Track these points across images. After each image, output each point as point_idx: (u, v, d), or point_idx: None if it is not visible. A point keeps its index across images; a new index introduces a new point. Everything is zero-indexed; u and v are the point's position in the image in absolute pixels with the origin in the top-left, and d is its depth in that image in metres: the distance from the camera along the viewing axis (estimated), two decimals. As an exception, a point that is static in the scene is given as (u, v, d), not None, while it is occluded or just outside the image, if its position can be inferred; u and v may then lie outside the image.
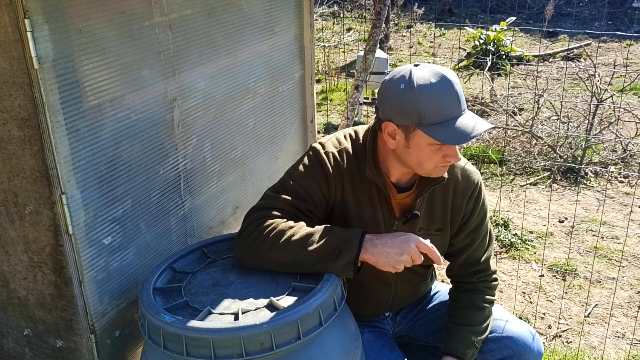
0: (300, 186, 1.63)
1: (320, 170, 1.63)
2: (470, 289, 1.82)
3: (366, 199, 1.67)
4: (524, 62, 7.65)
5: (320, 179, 1.63)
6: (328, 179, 1.63)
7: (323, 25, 9.28)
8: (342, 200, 1.66)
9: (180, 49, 1.81)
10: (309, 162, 1.66)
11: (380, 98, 1.56)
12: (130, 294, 1.76)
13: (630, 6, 10.89)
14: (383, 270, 1.53)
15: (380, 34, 4.15)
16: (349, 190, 1.65)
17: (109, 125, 1.60)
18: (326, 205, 1.67)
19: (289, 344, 1.39)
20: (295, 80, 2.52)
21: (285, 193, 1.62)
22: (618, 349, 2.65)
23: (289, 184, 1.65)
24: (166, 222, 1.88)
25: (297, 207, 1.61)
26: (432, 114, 1.45)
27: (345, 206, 1.66)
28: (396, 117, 1.50)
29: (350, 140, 1.69)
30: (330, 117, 5.91)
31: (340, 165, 1.64)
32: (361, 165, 1.65)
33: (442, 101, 1.46)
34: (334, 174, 1.63)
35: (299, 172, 1.65)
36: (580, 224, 3.77)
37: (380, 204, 1.67)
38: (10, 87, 1.40)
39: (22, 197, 1.52)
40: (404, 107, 1.47)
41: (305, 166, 1.66)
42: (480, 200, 1.75)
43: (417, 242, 1.52)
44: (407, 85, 1.46)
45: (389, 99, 1.52)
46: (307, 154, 1.68)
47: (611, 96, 4.95)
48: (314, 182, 1.63)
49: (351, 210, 1.66)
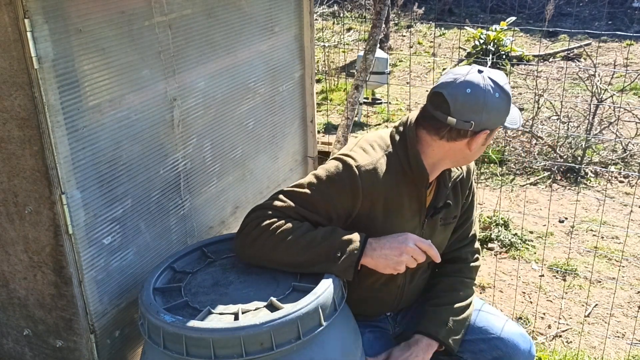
0: (319, 198, 1.57)
1: (348, 185, 1.56)
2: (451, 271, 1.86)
3: (396, 206, 1.63)
4: (524, 62, 7.65)
5: (346, 194, 1.57)
6: (356, 195, 1.57)
7: (323, 25, 9.28)
8: (370, 211, 1.61)
9: (180, 48, 1.81)
10: (337, 175, 1.57)
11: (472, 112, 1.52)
12: (130, 294, 1.76)
13: (630, 6, 10.88)
14: (384, 273, 1.53)
15: (380, 33, 4.15)
16: (380, 202, 1.60)
17: (109, 125, 1.60)
18: (345, 219, 1.62)
19: (289, 344, 1.39)
20: (295, 80, 2.52)
21: (298, 201, 1.58)
22: (618, 349, 2.65)
23: (306, 193, 1.58)
24: (166, 222, 1.88)
25: (305, 217, 1.58)
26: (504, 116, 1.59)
27: (373, 216, 1.62)
28: (492, 123, 1.56)
29: (381, 150, 1.63)
30: (330, 117, 5.91)
31: (373, 179, 1.58)
32: (393, 175, 1.61)
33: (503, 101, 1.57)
34: (365, 190, 1.57)
35: (323, 183, 1.58)
36: (580, 224, 3.77)
37: (410, 208, 1.66)
38: (10, 87, 1.40)
39: (22, 197, 1.52)
40: (502, 112, 1.57)
41: (330, 178, 1.58)
42: (473, 179, 1.85)
43: (415, 241, 1.52)
44: (501, 93, 1.54)
45: (487, 110, 1.52)
46: (335, 165, 1.59)
47: (611, 96, 4.94)
48: (337, 195, 1.57)
49: (378, 220, 1.62)
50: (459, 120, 1.52)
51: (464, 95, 1.51)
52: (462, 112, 1.52)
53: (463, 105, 1.51)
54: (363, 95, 5.39)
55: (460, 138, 1.56)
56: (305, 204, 1.58)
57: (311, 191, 1.58)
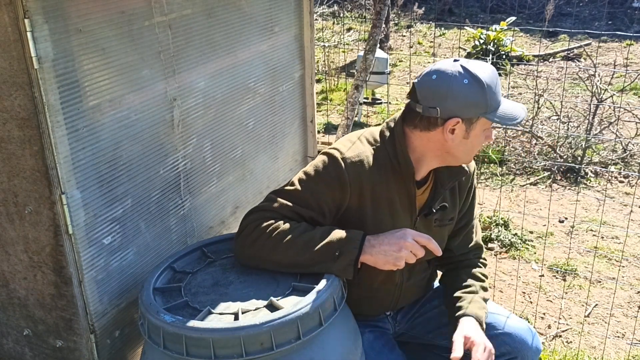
0: (309, 194, 1.59)
1: (335, 178, 1.58)
2: (466, 265, 1.86)
3: (385, 201, 1.64)
4: (524, 62, 7.65)
5: (334, 186, 1.59)
6: (344, 187, 1.58)
7: (323, 25, 9.28)
8: (359, 205, 1.62)
9: (180, 48, 1.81)
10: (324, 169, 1.59)
11: (436, 98, 1.53)
12: (130, 293, 1.76)
13: (630, 6, 10.88)
14: (384, 269, 1.53)
15: (380, 33, 4.15)
16: (367, 195, 1.62)
17: (109, 125, 1.60)
18: (337, 212, 1.63)
19: (289, 344, 1.39)
20: (295, 80, 2.52)
21: (290, 198, 1.60)
22: (618, 349, 2.65)
23: (296, 189, 1.60)
24: (166, 222, 1.88)
25: (300, 214, 1.59)
26: (494, 101, 1.55)
27: (362, 210, 1.63)
28: (463, 111, 1.53)
29: (368, 144, 1.65)
30: (330, 117, 5.91)
31: (359, 170, 1.59)
32: (382, 169, 1.62)
33: (497, 87, 1.56)
34: (352, 181, 1.58)
35: (311, 179, 1.60)
36: (580, 224, 3.77)
37: (400, 204, 1.66)
38: (10, 87, 1.40)
39: (22, 197, 1.52)
40: (473, 100, 1.52)
41: (318, 172, 1.60)
42: (474, 183, 1.84)
43: (414, 235, 1.52)
44: (470, 79, 1.51)
45: (452, 96, 1.51)
46: (322, 159, 1.62)
47: (611, 96, 4.94)
48: (327, 189, 1.59)
49: (367, 214, 1.63)
50: (425, 107, 1.54)
51: (429, 81, 1.54)
52: (427, 98, 1.54)
53: (427, 91, 1.54)
54: (363, 95, 5.39)
55: (432, 127, 1.56)
56: (298, 201, 1.59)
57: (302, 187, 1.60)
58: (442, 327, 1.87)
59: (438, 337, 1.90)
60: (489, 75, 1.53)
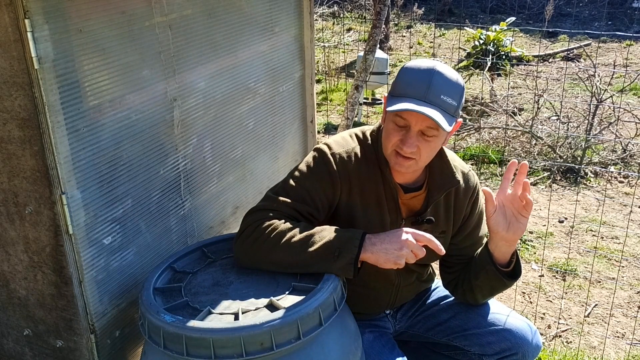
0: (303, 189, 1.62)
1: (325, 172, 1.62)
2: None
3: (373, 199, 1.66)
4: (523, 62, 7.65)
5: (325, 181, 1.62)
6: (334, 181, 1.62)
7: (323, 25, 9.28)
8: (348, 201, 1.65)
9: (181, 49, 1.81)
10: (314, 164, 1.64)
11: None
12: (130, 294, 1.76)
13: (630, 6, 10.89)
14: (385, 267, 1.53)
15: (380, 34, 4.15)
16: (356, 191, 1.65)
17: (109, 125, 1.60)
18: (329, 208, 1.66)
19: (289, 344, 1.39)
20: (295, 81, 2.52)
21: (287, 195, 1.62)
22: (618, 349, 2.65)
23: (291, 186, 1.63)
24: (166, 222, 1.88)
25: (298, 210, 1.61)
26: (397, 88, 1.55)
27: (352, 207, 1.66)
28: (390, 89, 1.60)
29: (357, 140, 1.68)
30: (330, 117, 5.92)
31: (347, 166, 1.63)
32: (370, 166, 1.64)
33: (412, 81, 1.52)
34: (340, 175, 1.62)
35: (303, 174, 1.64)
36: (580, 224, 3.77)
37: (387, 204, 1.67)
38: (10, 87, 1.40)
39: (22, 197, 1.52)
40: (397, 80, 1.57)
41: (309, 168, 1.64)
42: (478, 201, 1.80)
43: (414, 234, 1.53)
44: (413, 64, 1.55)
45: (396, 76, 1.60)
46: (312, 155, 1.67)
47: (611, 96, 4.95)
48: (318, 184, 1.62)
49: (357, 211, 1.66)
50: None
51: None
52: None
53: None
54: (363, 95, 5.39)
55: None
56: (296, 197, 1.61)
57: (296, 184, 1.63)
58: (441, 324, 1.88)
59: (438, 335, 1.90)
60: (416, 70, 1.52)
